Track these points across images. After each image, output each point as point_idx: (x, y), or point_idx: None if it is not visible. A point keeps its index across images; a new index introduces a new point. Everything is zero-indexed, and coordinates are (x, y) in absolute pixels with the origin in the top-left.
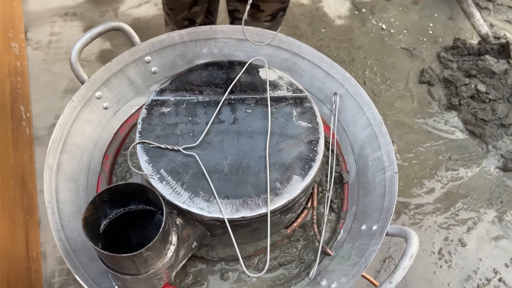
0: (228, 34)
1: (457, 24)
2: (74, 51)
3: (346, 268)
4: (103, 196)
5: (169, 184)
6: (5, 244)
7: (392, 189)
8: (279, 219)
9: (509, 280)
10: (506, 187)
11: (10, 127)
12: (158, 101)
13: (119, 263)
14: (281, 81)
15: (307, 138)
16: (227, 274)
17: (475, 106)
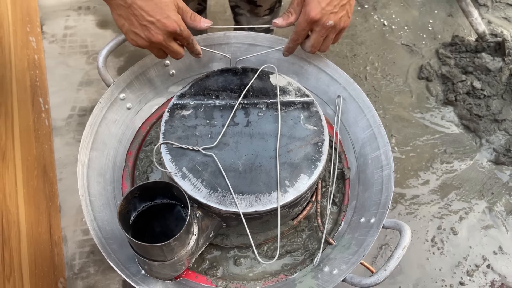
0: (240, 40)
1: (456, 21)
2: (101, 57)
3: (346, 256)
4: (134, 192)
5: (190, 181)
6: (31, 230)
7: (388, 186)
8: (287, 212)
9: (497, 266)
10: (497, 179)
11: (31, 119)
12: (179, 104)
13: (149, 251)
14: (290, 87)
15: (313, 140)
16: (239, 260)
17: (470, 102)
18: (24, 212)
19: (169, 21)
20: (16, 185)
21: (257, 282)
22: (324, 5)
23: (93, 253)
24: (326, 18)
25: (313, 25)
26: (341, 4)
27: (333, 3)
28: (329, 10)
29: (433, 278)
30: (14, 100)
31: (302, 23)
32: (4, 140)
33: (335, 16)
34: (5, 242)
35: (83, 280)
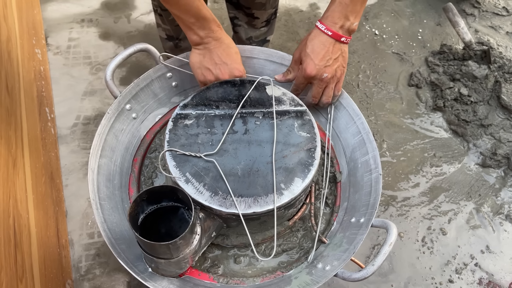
0: None
1: (444, 30)
2: (108, 70)
3: (338, 253)
4: (143, 196)
5: (193, 185)
6: (41, 233)
7: (377, 188)
8: (283, 213)
9: (484, 264)
10: (484, 181)
11: (39, 128)
12: (182, 114)
13: (157, 249)
14: (285, 97)
15: (306, 146)
16: (239, 259)
17: (458, 108)
18: (34, 217)
19: (239, 68)
20: (26, 191)
21: (255, 279)
22: (318, 61)
23: (99, 255)
24: (322, 72)
25: (311, 79)
26: (333, 58)
27: (326, 58)
28: (323, 65)
29: (424, 277)
30: (23, 110)
31: (300, 78)
32: (14, 149)
33: (329, 69)
34: (18, 245)
35: (89, 282)
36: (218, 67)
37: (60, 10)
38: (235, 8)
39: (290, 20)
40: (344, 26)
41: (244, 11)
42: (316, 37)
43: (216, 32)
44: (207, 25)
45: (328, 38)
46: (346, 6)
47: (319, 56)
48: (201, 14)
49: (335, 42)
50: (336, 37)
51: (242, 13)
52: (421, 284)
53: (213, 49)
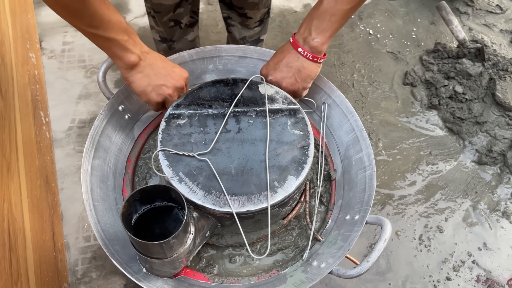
0: (231, 53)
1: (438, 29)
2: (101, 72)
3: (333, 251)
4: (135, 196)
5: (186, 184)
6: (36, 237)
7: (371, 185)
8: (277, 212)
9: (482, 262)
10: (480, 179)
11: (33, 132)
12: (175, 114)
13: (150, 249)
14: (277, 95)
15: (299, 144)
16: (234, 258)
17: (453, 105)
18: (29, 220)
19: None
20: (20, 194)
21: (251, 278)
22: (270, 61)
23: (95, 258)
24: (268, 73)
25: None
26: (287, 65)
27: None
28: (271, 67)
29: (421, 275)
30: (17, 114)
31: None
32: (8, 152)
33: (276, 74)
34: (12, 248)
35: (86, 285)
36: (170, 77)
37: (54, 14)
38: (228, 8)
39: (284, 21)
40: (306, 39)
41: (237, 11)
42: (285, 43)
43: (142, 45)
44: (137, 40)
45: (288, 45)
46: (311, 20)
47: (275, 58)
48: (129, 28)
49: (292, 50)
50: (294, 46)
51: (235, 13)
52: (418, 282)
53: (153, 63)
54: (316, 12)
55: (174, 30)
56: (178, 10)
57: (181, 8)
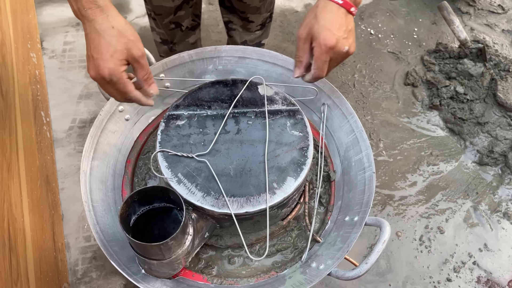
0: (230, 53)
1: (440, 29)
2: None
3: (332, 252)
4: (134, 197)
5: (185, 186)
6: (36, 237)
7: (370, 186)
8: (276, 213)
9: (482, 263)
10: (481, 179)
11: (34, 132)
12: (174, 115)
13: (148, 250)
14: (277, 96)
15: (299, 145)
16: (233, 259)
17: (454, 106)
18: (29, 220)
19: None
20: (21, 194)
21: (250, 279)
22: (335, 31)
23: (95, 258)
24: (342, 44)
25: (332, 52)
26: (349, 29)
27: (342, 28)
28: (342, 36)
29: (422, 275)
30: (18, 114)
31: (322, 55)
32: (9, 152)
33: (347, 42)
34: (12, 248)
35: (86, 285)
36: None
37: (55, 14)
38: (229, 12)
39: (285, 21)
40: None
41: (239, 15)
42: (326, 6)
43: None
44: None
45: (339, 8)
46: None
47: (335, 25)
48: None
49: (346, 12)
50: (347, 6)
51: (237, 17)
52: (419, 283)
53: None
54: None
55: (175, 33)
56: (179, 13)
57: (182, 11)
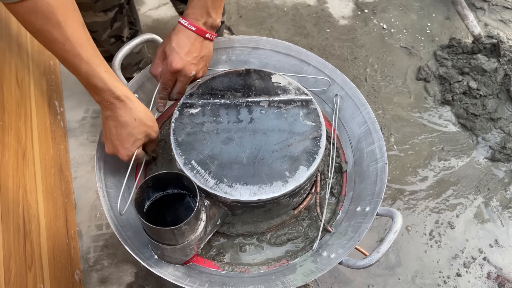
0: (244, 43)
1: (453, 24)
2: (116, 60)
3: (343, 242)
4: (148, 182)
5: (199, 173)
6: (50, 223)
7: (382, 177)
8: (288, 202)
9: (493, 258)
10: (493, 175)
11: (48, 121)
12: (188, 103)
13: (162, 235)
14: (290, 86)
15: (311, 135)
16: (244, 247)
17: (467, 101)
18: (43, 207)
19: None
20: (35, 182)
21: (261, 267)
22: (183, 55)
23: (107, 247)
24: (189, 69)
25: (177, 74)
26: (200, 56)
27: (192, 54)
28: (189, 61)
29: (431, 270)
30: (33, 103)
31: (167, 74)
32: (24, 140)
33: (196, 67)
34: (27, 234)
35: (97, 272)
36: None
37: None
38: (182, 2)
39: (297, 14)
40: (207, 22)
41: None
42: (180, 32)
43: (110, 104)
44: (99, 94)
45: (193, 34)
46: (206, 2)
47: (185, 50)
48: (90, 81)
49: (199, 38)
50: (201, 32)
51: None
52: (428, 278)
53: (107, 121)
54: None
55: (117, 46)
56: (115, 25)
57: (118, 22)
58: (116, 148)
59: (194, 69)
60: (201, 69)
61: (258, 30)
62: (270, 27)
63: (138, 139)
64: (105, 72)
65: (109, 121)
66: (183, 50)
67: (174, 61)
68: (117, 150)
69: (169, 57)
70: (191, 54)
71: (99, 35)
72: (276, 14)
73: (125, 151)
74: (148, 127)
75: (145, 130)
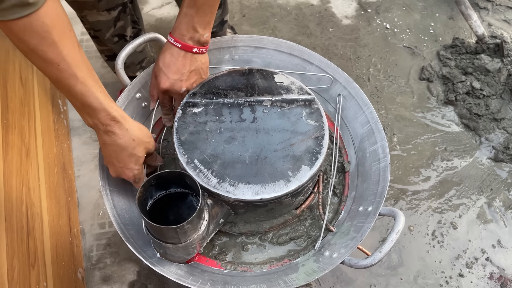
0: (247, 43)
1: (456, 24)
2: (119, 60)
3: (345, 241)
4: (151, 181)
5: (201, 172)
6: (53, 222)
7: (385, 177)
8: (291, 201)
9: (495, 259)
10: (496, 176)
11: (52, 119)
12: (191, 103)
13: (165, 233)
14: (293, 86)
15: (314, 134)
16: (246, 246)
17: (470, 101)
18: (46, 205)
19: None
20: (39, 180)
21: (263, 266)
22: (171, 75)
23: (110, 245)
24: (178, 86)
25: (167, 93)
26: (190, 70)
27: (180, 71)
28: (178, 78)
29: (433, 270)
30: (36, 101)
31: (159, 93)
32: (28, 138)
33: (186, 83)
34: (30, 232)
35: (100, 271)
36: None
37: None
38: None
39: (300, 14)
40: (194, 37)
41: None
42: (166, 50)
43: (106, 126)
44: (94, 115)
45: (179, 51)
46: (192, 18)
47: (172, 69)
48: (85, 101)
49: (186, 54)
50: (187, 48)
51: None
52: (430, 278)
53: (106, 146)
54: (193, 9)
55: (121, 45)
56: (119, 24)
57: (121, 21)
58: (120, 170)
59: (184, 85)
60: (193, 83)
61: (261, 29)
62: (273, 27)
63: (140, 157)
64: (101, 92)
65: (107, 146)
66: (169, 70)
67: (162, 81)
68: (122, 173)
69: (158, 77)
70: (178, 71)
71: (103, 34)
72: (279, 13)
73: (130, 172)
74: (146, 143)
75: (144, 147)
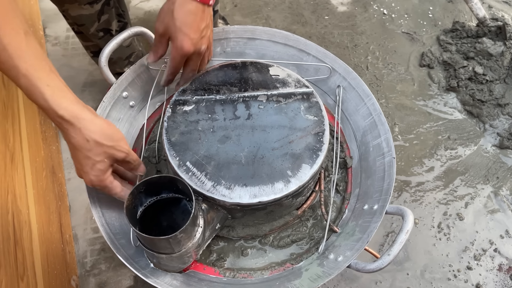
0: (239, 34)
1: (456, 7)
2: (103, 56)
3: (351, 243)
4: (140, 188)
5: (194, 175)
6: (43, 229)
7: (390, 172)
8: (291, 202)
9: (504, 250)
10: (502, 163)
11: (38, 121)
12: (181, 100)
13: (157, 244)
14: (289, 78)
15: (314, 130)
16: (246, 251)
17: (473, 87)
18: (35, 212)
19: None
20: (26, 186)
21: (264, 272)
22: (193, 35)
23: (104, 250)
24: (199, 46)
25: (189, 56)
26: (206, 25)
27: (200, 28)
28: (198, 37)
29: (441, 264)
30: (20, 103)
31: (177, 57)
32: (12, 142)
33: (205, 39)
34: (18, 242)
35: (95, 277)
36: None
37: None
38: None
39: (294, 2)
40: None
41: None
42: (182, 7)
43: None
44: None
45: (197, 5)
46: None
47: (193, 28)
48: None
49: (204, 7)
50: (205, 1)
51: None
52: (438, 272)
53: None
54: None
55: (106, 40)
56: (103, 18)
57: (105, 14)
58: (79, 171)
59: (205, 42)
60: (209, 39)
61: (254, 19)
62: (267, 16)
63: (98, 162)
64: (48, 86)
65: (66, 142)
66: (191, 29)
67: (185, 44)
68: (81, 175)
69: (177, 40)
70: (199, 29)
71: (87, 29)
72: (273, 2)
73: (87, 176)
74: (107, 147)
75: (103, 151)
